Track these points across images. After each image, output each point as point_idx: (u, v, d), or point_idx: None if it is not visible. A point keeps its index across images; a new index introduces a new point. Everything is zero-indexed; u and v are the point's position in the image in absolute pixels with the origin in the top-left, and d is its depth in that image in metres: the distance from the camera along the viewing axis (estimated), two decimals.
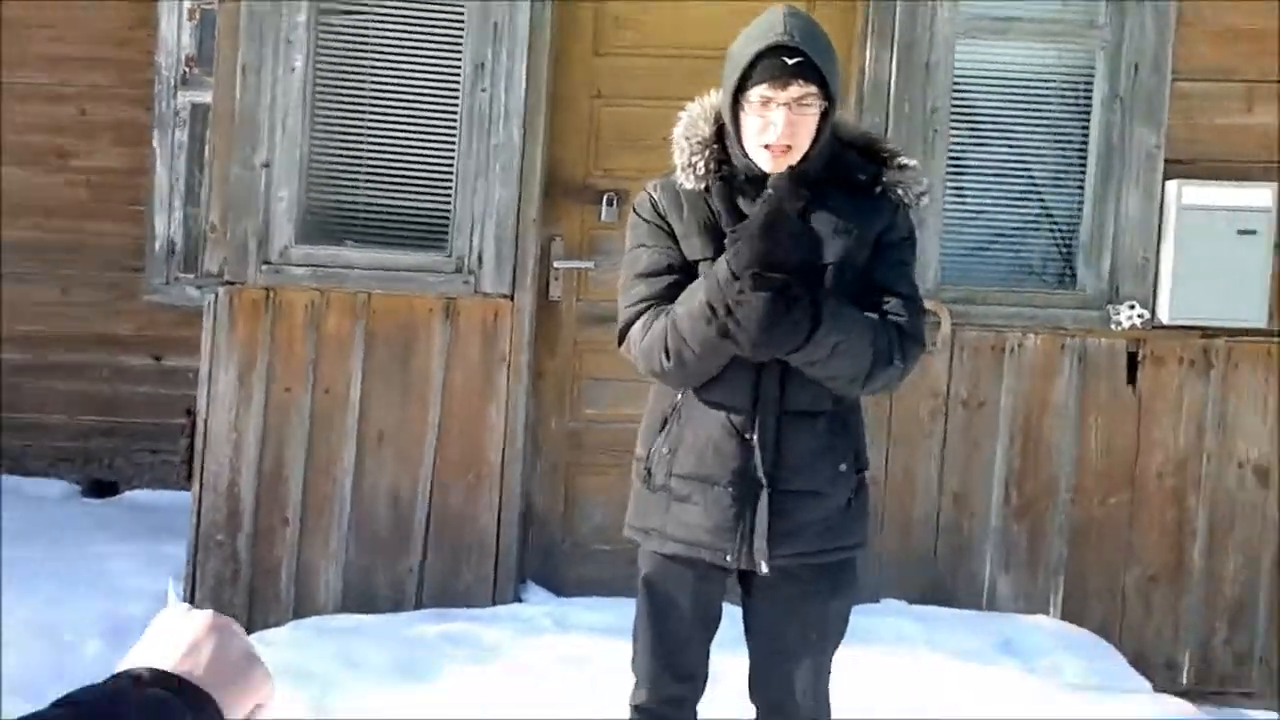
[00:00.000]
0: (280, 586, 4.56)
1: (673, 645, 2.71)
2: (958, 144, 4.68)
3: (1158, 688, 4.25)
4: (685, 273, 2.57)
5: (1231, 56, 4.59)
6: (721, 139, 2.59)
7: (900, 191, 2.60)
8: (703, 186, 2.58)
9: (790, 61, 2.46)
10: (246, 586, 4.55)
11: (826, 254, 2.51)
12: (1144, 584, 4.64)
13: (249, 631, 4.05)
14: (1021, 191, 4.73)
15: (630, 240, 2.69)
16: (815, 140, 2.52)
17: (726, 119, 2.56)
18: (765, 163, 2.54)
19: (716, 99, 2.62)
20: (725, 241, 2.48)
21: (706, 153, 2.58)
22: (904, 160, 2.64)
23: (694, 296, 2.50)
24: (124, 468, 6.08)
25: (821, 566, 2.62)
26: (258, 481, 4.55)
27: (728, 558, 2.58)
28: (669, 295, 2.57)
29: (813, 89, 2.48)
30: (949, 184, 4.66)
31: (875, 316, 2.55)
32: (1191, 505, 4.64)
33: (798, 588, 2.62)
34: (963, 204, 4.72)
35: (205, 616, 1.05)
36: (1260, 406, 4.63)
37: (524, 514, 4.66)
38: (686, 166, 2.59)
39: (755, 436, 2.56)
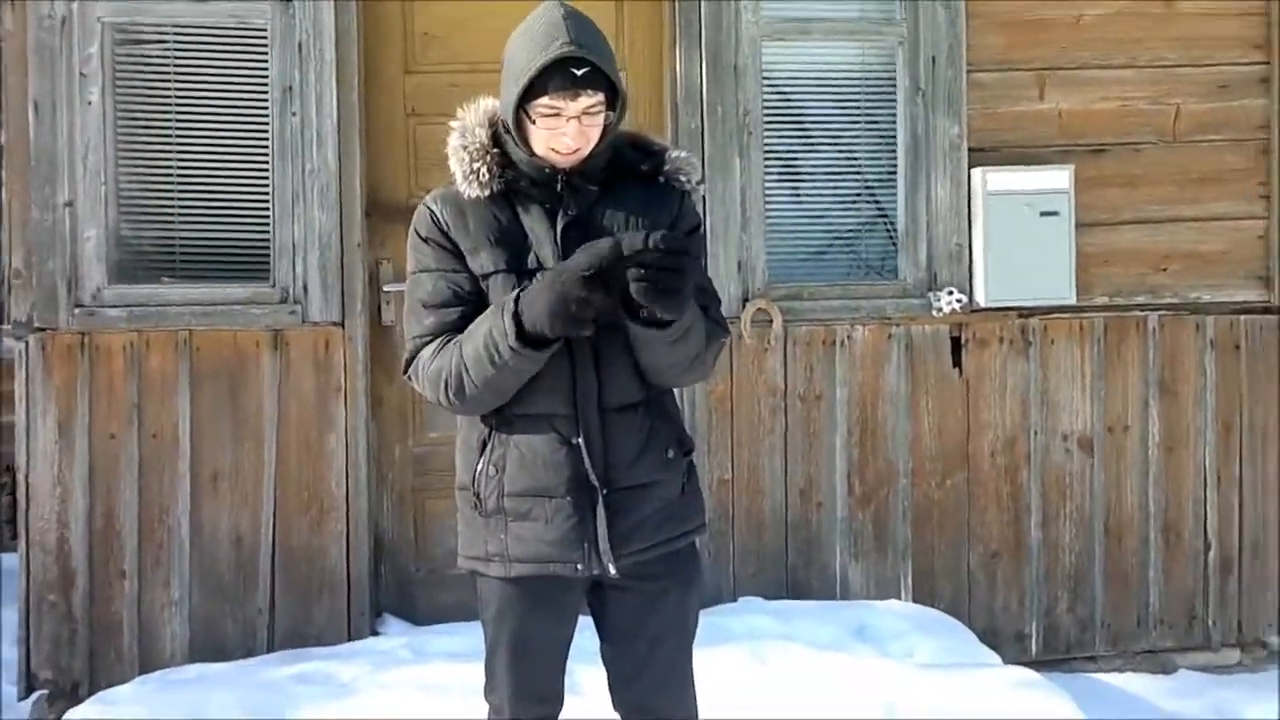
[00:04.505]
0: (123, 643, 4.07)
1: (531, 669, 2.46)
2: (774, 145, 4.44)
3: (1008, 660, 4.09)
4: (474, 299, 2.33)
5: (1020, 45, 4.49)
6: (499, 143, 2.35)
7: (683, 178, 2.42)
8: (487, 193, 2.34)
9: (579, 73, 2.24)
10: (86, 646, 4.05)
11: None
12: (987, 560, 4.47)
13: (91, 693, 3.58)
14: (839, 188, 4.52)
15: (412, 260, 2.40)
16: (601, 137, 2.33)
17: (510, 125, 2.31)
18: (554, 159, 2.32)
19: (488, 105, 2.39)
20: (519, 297, 2.23)
21: (488, 157, 2.33)
22: (677, 151, 2.46)
23: (478, 332, 2.26)
24: None
25: (669, 556, 2.41)
26: (89, 534, 4.06)
27: (578, 567, 2.34)
28: (458, 326, 2.33)
29: (600, 96, 2.27)
30: (769, 184, 4.43)
31: None
32: (1024, 481, 4.49)
33: (650, 585, 2.41)
34: (783, 203, 4.49)
35: None
36: (1077, 380, 4.52)
37: (373, 545, 4.27)
38: (469, 174, 2.34)
39: (581, 439, 2.32)
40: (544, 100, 2.25)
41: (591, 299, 2.15)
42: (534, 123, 2.28)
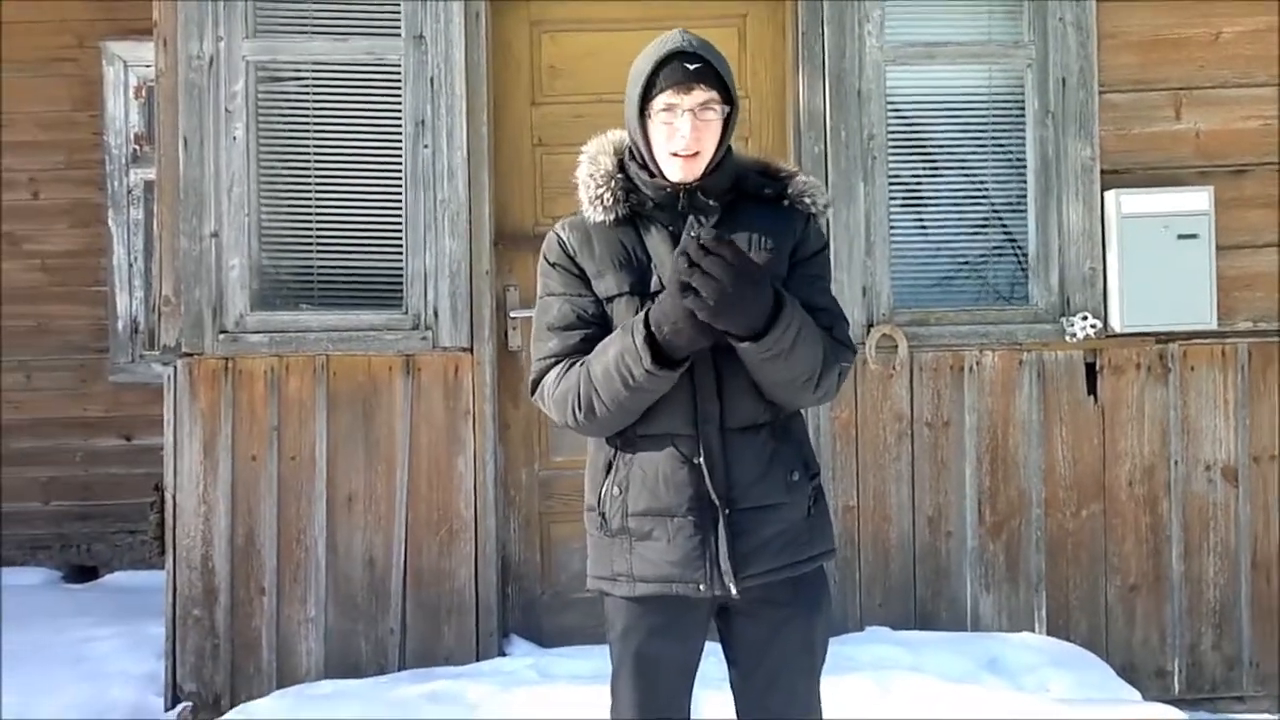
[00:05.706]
0: (261, 657, 4.15)
1: (655, 690, 2.42)
2: (899, 169, 4.36)
3: (1149, 696, 3.91)
4: (598, 322, 2.37)
5: (1154, 65, 4.35)
6: (624, 170, 2.40)
7: (808, 200, 2.42)
8: (612, 218, 2.38)
9: (691, 67, 2.32)
10: (227, 660, 4.14)
11: None
12: (1125, 593, 4.28)
13: (232, 705, 3.67)
14: (966, 212, 4.41)
15: (541, 285, 2.46)
16: (720, 146, 2.35)
17: (635, 137, 2.37)
18: (674, 172, 2.35)
19: (615, 135, 2.45)
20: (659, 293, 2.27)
21: (612, 183, 2.39)
22: (804, 175, 2.46)
23: (608, 354, 2.27)
24: (103, 551, 5.67)
25: (795, 581, 2.36)
26: (231, 552, 4.16)
27: (700, 587, 2.32)
28: (582, 349, 2.36)
29: (714, 94, 2.33)
30: (893, 209, 4.35)
31: None
32: (1164, 511, 4.30)
33: (776, 610, 2.36)
34: (908, 228, 4.40)
35: None
36: (1220, 408, 4.33)
37: (501, 567, 4.29)
38: (594, 200, 2.39)
39: (702, 459, 2.31)
40: (661, 98, 2.31)
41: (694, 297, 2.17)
42: (653, 123, 2.32)
